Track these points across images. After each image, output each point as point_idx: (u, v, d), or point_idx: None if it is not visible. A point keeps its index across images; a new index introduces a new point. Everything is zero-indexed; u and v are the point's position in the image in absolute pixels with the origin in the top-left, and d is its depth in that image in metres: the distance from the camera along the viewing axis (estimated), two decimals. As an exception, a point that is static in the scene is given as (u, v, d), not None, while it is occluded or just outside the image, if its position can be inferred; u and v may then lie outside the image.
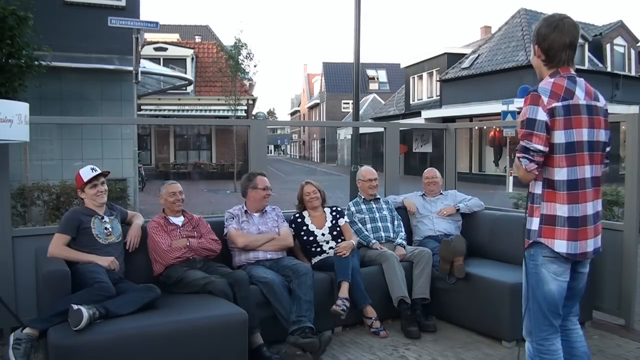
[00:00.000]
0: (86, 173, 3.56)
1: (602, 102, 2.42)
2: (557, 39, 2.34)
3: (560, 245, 2.30)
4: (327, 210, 4.44)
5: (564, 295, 2.40)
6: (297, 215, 4.40)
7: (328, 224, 4.35)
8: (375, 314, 4.01)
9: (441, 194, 4.99)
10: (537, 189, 2.37)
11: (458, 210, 4.79)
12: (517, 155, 2.34)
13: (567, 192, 2.30)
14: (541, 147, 2.27)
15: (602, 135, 2.38)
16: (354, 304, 3.94)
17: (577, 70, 2.52)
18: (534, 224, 2.36)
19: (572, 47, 2.36)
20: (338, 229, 4.36)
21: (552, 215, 2.32)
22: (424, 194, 5.00)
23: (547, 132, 2.28)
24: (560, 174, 2.31)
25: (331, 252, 4.23)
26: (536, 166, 2.30)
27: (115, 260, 3.43)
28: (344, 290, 3.85)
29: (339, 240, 4.28)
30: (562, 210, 2.30)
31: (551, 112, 2.27)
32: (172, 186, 3.94)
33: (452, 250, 4.07)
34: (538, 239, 2.34)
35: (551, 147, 2.30)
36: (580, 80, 2.37)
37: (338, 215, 4.41)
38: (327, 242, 4.30)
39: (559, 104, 2.28)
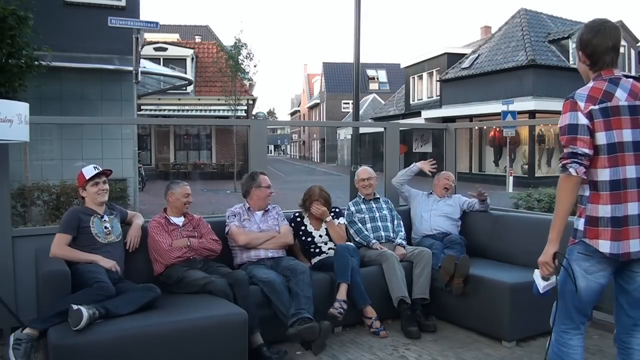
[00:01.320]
0: (88, 171, 3.58)
1: None
2: (600, 43, 2.39)
3: (605, 246, 2.33)
4: (326, 211, 4.44)
5: (595, 296, 2.41)
6: (297, 215, 4.40)
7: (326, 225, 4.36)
8: (375, 314, 4.01)
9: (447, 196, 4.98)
10: (585, 191, 2.40)
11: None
12: (563, 162, 2.33)
13: (610, 193, 2.33)
14: (587, 151, 2.30)
15: None
16: (354, 304, 3.94)
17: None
18: (580, 224, 2.40)
19: (615, 49, 2.40)
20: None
21: (596, 217, 2.35)
22: (430, 193, 4.99)
23: (590, 135, 2.31)
24: (603, 174, 2.33)
25: (330, 252, 4.23)
26: (585, 170, 2.32)
27: (117, 264, 3.45)
28: (342, 292, 3.85)
29: (338, 242, 4.29)
30: (604, 211, 2.33)
31: (589, 116, 2.31)
32: (186, 187, 3.96)
33: (453, 266, 4.02)
34: (583, 239, 2.38)
35: (595, 149, 2.33)
36: (626, 81, 2.39)
37: (336, 217, 4.40)
38: (326, 243, 4.30)
39: (596, 107, 2.32)
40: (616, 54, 2.41)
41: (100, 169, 3.61)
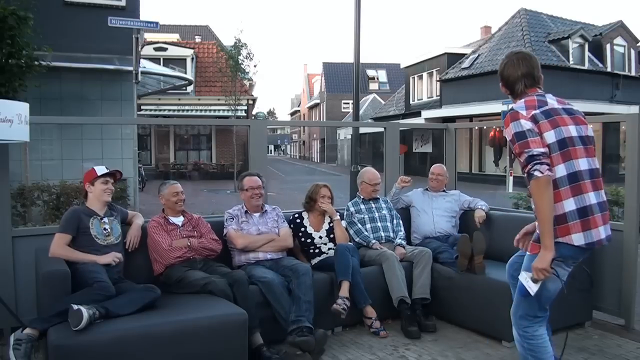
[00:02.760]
0: (101, 169, 3.64)
1: (575, 107, 2.60)
2: (510, 74, 2.62)
3: (578, 238, 2.38)
4: (326, 213, 4.43)
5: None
6: (297, 215, 4.40)
7: (325, 226, 4.36)
8: (375, 314, 4.01)
9: (444, 191, 4.99)
10: None
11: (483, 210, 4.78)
12: (527, 170, 2.36)
13: (570, 186, 2.39)
14: (542, 149, 2.36)
15: (589, 130, 2.53)
16: (354, 303, 3.94)
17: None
18: None
19: (528, 76, 2.58)
20: (336, 232, 4.35)
21: (563, 214, 2.38)
22: (426, 189, 5.00)
23: (539, 135, 2.39)
24: (559, 170, 2.39)
25: (330, 252, 4.23)
26: (548, 167, 2.35)
27: (116, 253, 3.45)
28: (345, 289, 3.85)
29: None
30: (569, 204, 2.38)
31: (533, 119, 2.42)
32: (174, 186, 3.97)
33: (470, 245, 4.00)
34: (556, 240, 2.37)
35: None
36: (550, 95, 2.57)
37: (336, 219, 4.40)
38: (325, 244, 4.31)
39: (537, 111, 2.44)
40: (530, 80, 2.58)
41: (112, 170, 3.67)
